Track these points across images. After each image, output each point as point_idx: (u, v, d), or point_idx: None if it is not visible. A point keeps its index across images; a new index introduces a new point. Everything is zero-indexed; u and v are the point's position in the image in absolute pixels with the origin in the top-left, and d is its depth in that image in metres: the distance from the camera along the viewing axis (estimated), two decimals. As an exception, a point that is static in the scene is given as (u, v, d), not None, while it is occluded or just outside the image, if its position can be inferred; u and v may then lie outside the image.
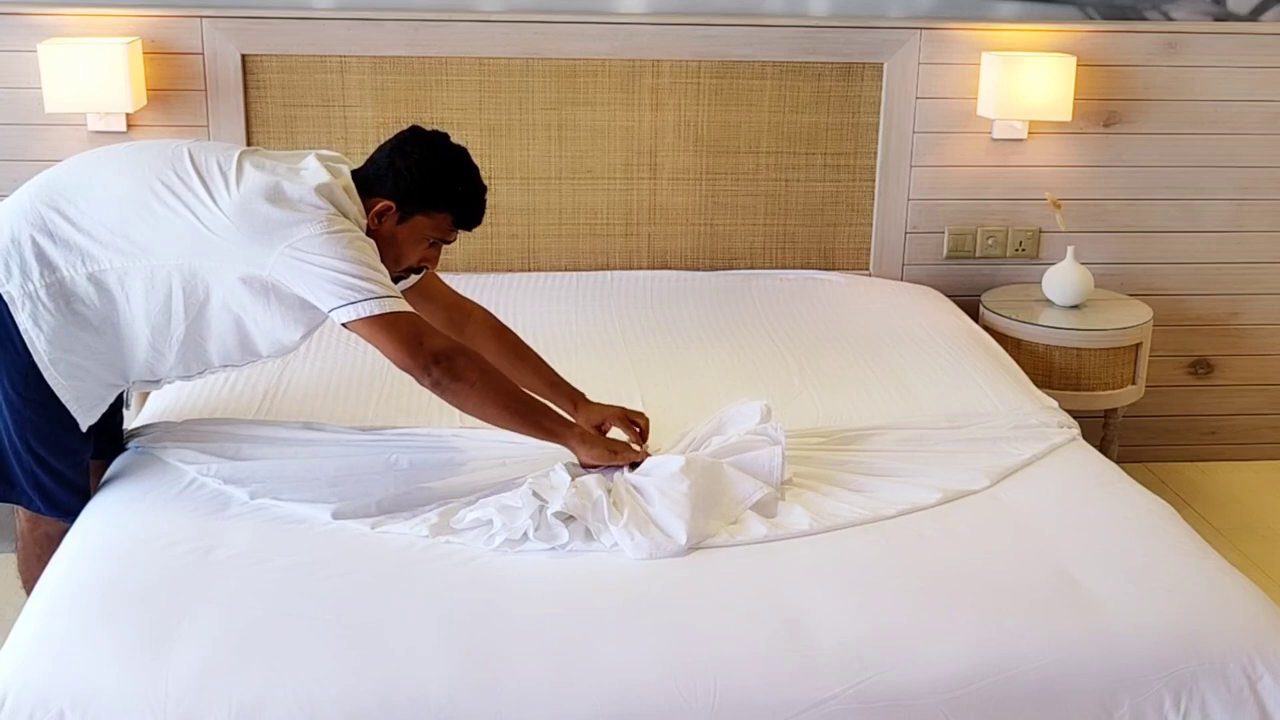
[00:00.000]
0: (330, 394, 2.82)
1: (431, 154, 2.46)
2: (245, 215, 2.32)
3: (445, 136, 2.51)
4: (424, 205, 2.44)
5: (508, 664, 1.91)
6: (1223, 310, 4.00)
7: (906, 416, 2.75)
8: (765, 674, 1.92)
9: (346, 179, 2.44)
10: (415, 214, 2.44)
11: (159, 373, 2.46)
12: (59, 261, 2.34)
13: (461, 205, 2.47)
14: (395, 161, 2.44)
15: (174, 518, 2.28)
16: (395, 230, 2.44)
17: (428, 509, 2.30)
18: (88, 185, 2.39)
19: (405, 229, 2.45)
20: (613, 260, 3.75)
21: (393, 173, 2.44)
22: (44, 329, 2.33)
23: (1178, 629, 2.03)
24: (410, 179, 2.43)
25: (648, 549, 2.17)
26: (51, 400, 2.37)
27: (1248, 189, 3.90)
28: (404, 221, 2.44)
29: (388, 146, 2.48)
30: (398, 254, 2.46)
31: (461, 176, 2.47)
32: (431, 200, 2.44)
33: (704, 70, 3.64)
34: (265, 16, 3.48)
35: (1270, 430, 4.14)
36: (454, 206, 2.46)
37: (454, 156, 2.48)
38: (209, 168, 2.38)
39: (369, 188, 2.44)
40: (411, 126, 2.52)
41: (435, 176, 2.44)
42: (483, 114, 3.61)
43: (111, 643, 1.93)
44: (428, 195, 2.44)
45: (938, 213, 3.82)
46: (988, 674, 1.94)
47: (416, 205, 2.44)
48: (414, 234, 2.46)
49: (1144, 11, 3.74)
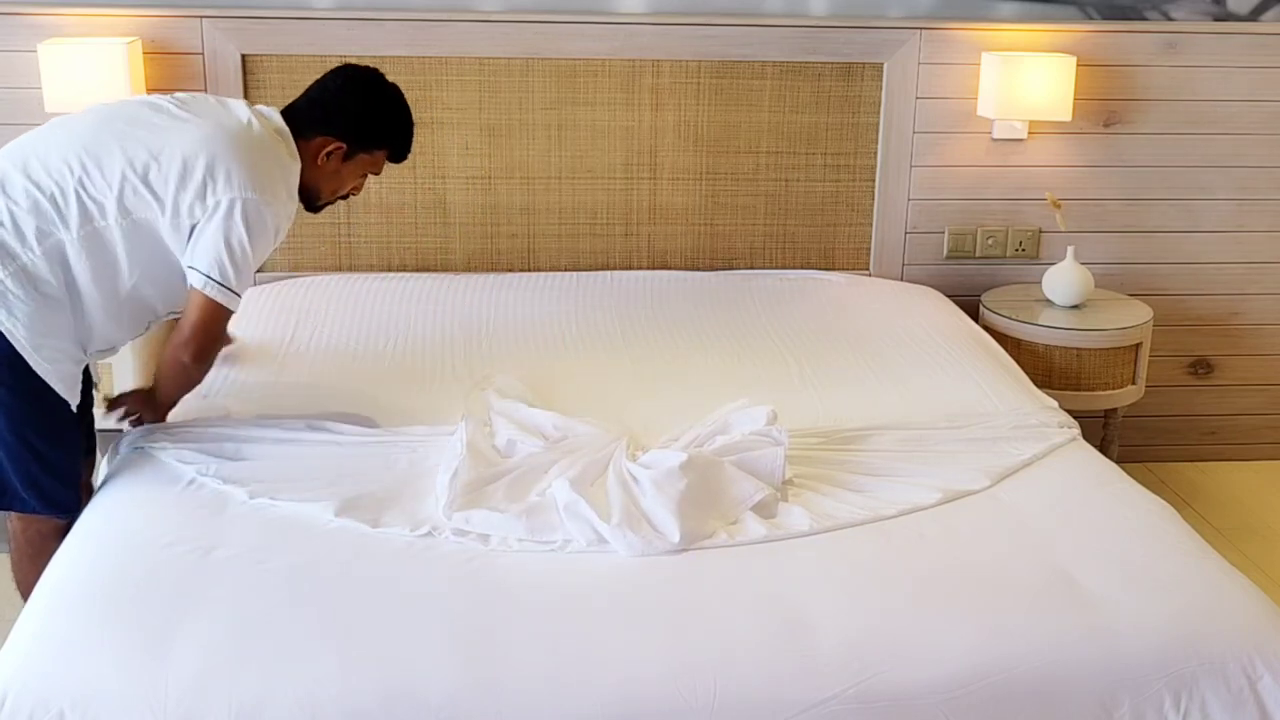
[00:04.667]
0: (330, 393, 2.82)
1: (377, 96, 2.66)
2: None
3: (381, 75, 2.69)
4: (369, 144, 2.64)
5: (508, 664, 1.91)
6: (1223, 310, 4.00)
7: (907, 416, 2.75)
8: (765, 674, 1.92)
9: (277, 122, 2.59)
10: (359, 151, 2.64)
11: (115, 339, 2.56)
12: (16, 248, 2.40)
13: (400, 144, 2.70)
14: (344, 103, 2.62)
15: (174, 518, 2.29)
16: (340, 166, 2.64)
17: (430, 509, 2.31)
18: (34, 157, 2.46)
19: (350, 165, 2.65)
20: (613, 260, 3.75)
21: (341, 113, 2.62)
22: (20, 317, 2.38)
23: (1178, 629, 2.03)
24: (360, 121, 2.62)
25: (640, 546, 2.17)
26: (40, 388, 2.40)
27: (1248, 189, 3.90)
28: (349, 158, 2.64)
29: (332, 86, 2.65)
30: (337, 185, 2.68)
31: (402, 119, 2.68)
32: (376, 139, 2.65)
33: (704, 70, 3.64)
34: (265, 16, 3.47)
35: (1270, 430, 4.14)
36: (393, 144, 2.69)
37: (395, 97, 2.68)
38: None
39: (311, 125, 2.61)
40: (349, 65, 2.72)
41: (381, 119, 2.66)
42: (483, 114, 3.62)
43: (111, 643, 1.93)
44: (374, 135, 2.65)
45: (938, 213, 3.82)
46: (988, 674, 1.94)
47: (361, 144, 2.63)
48: (355, 169, 2.67)
49: (1144, 11, 3.74)
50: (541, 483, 2.36)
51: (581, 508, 2.23)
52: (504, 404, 2.66)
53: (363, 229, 3.66)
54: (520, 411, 2.63)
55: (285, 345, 3.09)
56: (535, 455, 2.45)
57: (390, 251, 3.68)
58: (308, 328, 3.20)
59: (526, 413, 2.63)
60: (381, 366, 3.00)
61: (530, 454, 2.46)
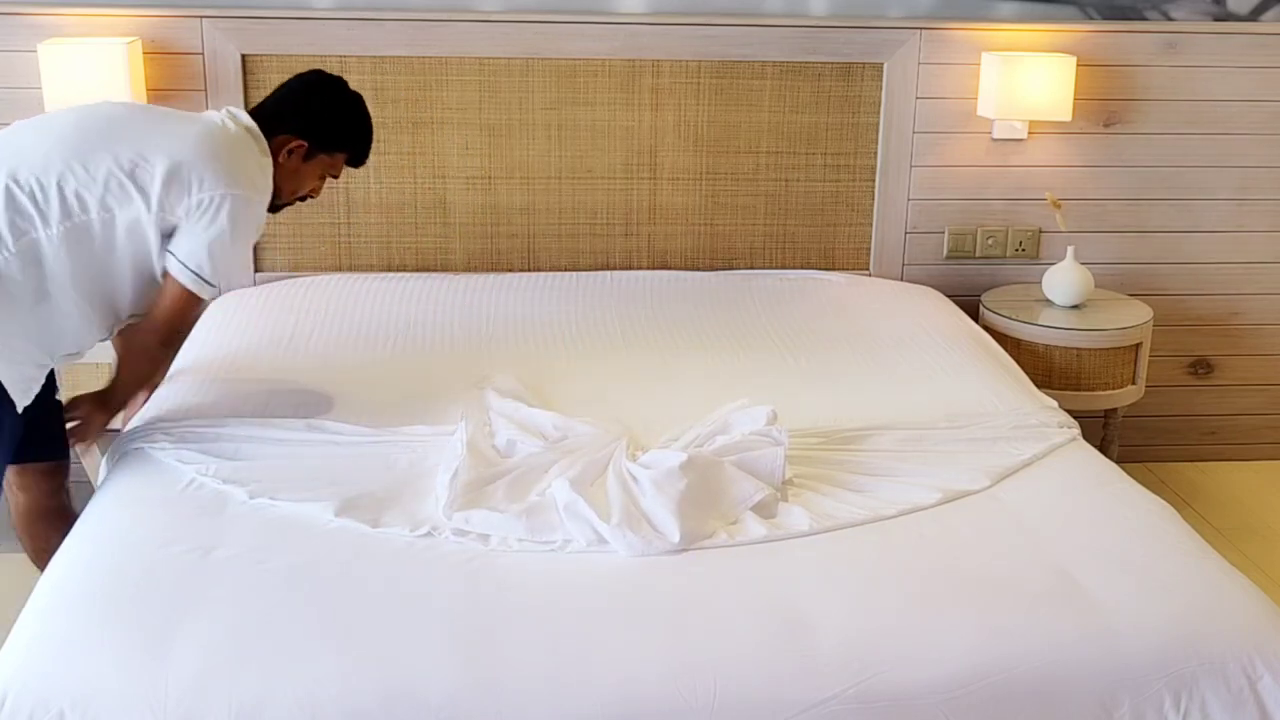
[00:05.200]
0: (330, 394, 2.82)
1: (339, 101, 2.78)
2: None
3: (345, 83, 2.81)
4: (329, 146, 2.74)
5: (508, 664, 1.91)
6: (1223, 310, 4.00)
7: (907, 416, 2.75)
8: (765, 674, 1.92)
9: (247, 120, 2.66)
10: (319, 152, 2.73)
11: (84, 341, 2.58)
12: None
13: (359, 148, 2.81)
14: (311, 104, 2.74)
15: (174, 518, 2.29)
16: (300, 165, 2.72)
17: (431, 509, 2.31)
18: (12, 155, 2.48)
19: (309, 165, 2.73)
20: (613, 260, 3.75)
21: (306, 114, 2.71)
22: None
23: (1178, 629, 2.03)
24: (322, 122, 2.72)
25: (640, 546, 2.17)
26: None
27: (1248, 189, 3.90)
28: (309, 159, 2.72)
29: (299, 88, 2.77)
30: (296, 185, 2.75)
31: (363, 124, 2.81)
32: (337, 142, 2.75)
33: (704, 70, 3.64)
34: (265, 16, 3.47)
35: (1270, 430, 4.14)
36: (352, 148, 2.79)
37: (356, 104, 2.80)
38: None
39: (279, 122, 2.69)
40: (315, 71, 2.84)
41: (342, 122, 2.77)
42: (483, 114, 3.62)
43: (111, 643, 1.93)
44: (334, 138, 2.75)
45: (938, 213, 3.82)
46: (988, 674, 1.94)
47: (322, 145, 2.73)
48: (314, 169, 2.75)
49: (1144, 11, 3.74)
50: (541, 483, 2.36)
51: (581, 508, 2.24)
52: (504, 404, 2.66)
53: (363, 229, 3.66)
54: (520, 411, 2.63)
55: (285, 345, 3.09)
56: (535, 455, 2.45)
57: (390, 251, 3.68)
58: (308, 328, 3.20)
59: (526, 413, 2.63)
60: (381, 366, 3.00)
61: (530, 454, 2.46)
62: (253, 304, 3.34)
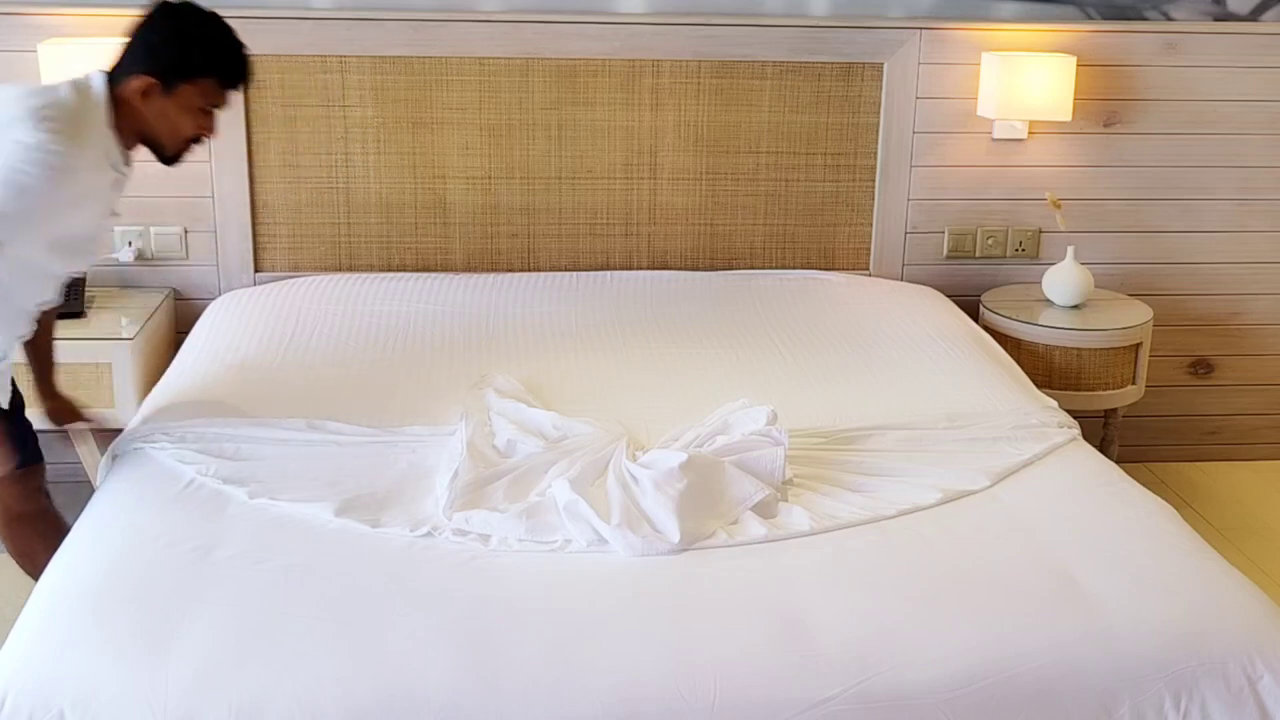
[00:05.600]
0: (330, 394, 2.82)
1: (182, 23, 2.46)
2: None
3: (191, 5, 2.50)
4: (186, 74, 2.44)
5: (508, 664, 1.91)
6: (1223, 310, 4.00)
7: (907, 416, 2.75)
8: (765, 674, 1.92)
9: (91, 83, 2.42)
10: (179, 84, 2.44)
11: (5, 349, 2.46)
12: None
13: (223, 67, 2.49)
14: (148, 39, 2.44)
15: (173, 518, 2.29)
16: (164, 105, 2.45)
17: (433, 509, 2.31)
18: None
19: (172, 102, 2.45)
20: (613, 260, 3.75)
21: (146, 49, 2.44)
22: None
23: (1178, 629, 2.03)
24: (166, 51, 2.43)
25: (640, 546, 2.17)
26: None
27: (1248, 189, 3.90)
28: (169, 94, 2.44)
29: (138, 25, 2.47)
30: (172, 127, 2.48)
31: (217, 38, 2.48)
32: (192, 68, 2.45)
33: (704, 70, 3.64)
34: (265, 16, 3.47)
35: (1270, 430, 4.14)
36: (216, 69, 2.48)
37: (204, 21, 2.48)
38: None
39: (123, 70, 2.44)
40: (159, 3, 2.50)
41: (190, 44, 2.45)
42: (483, 114, 3.62)
43: (111, 643, 1.93)
44: (187, 64, 2.44)
45: (938, 213, 3.82)
46: (988, 674, 1.94)
47: (178, 75, 2.44)
48: (183, 105, 2.46)
49: (1144, 11, 3.74)
50: (541, 483, 2.36)
51: (581, 508, 2.24)
52: (504, 404, 2.66)
53: (363, 229, 3.66)
54: (520, 411, 2.63)
55: (285, 345, 3.09)
56: (535, 455, 2.45)
57: (390, 251, 3.68)
58: (308, 328, 3.20)
59: (526, 413, 2.63)
60: (381, 366, 3.00)
61: (530, 454, 2.46)
62: (253, 304, 3.34)
